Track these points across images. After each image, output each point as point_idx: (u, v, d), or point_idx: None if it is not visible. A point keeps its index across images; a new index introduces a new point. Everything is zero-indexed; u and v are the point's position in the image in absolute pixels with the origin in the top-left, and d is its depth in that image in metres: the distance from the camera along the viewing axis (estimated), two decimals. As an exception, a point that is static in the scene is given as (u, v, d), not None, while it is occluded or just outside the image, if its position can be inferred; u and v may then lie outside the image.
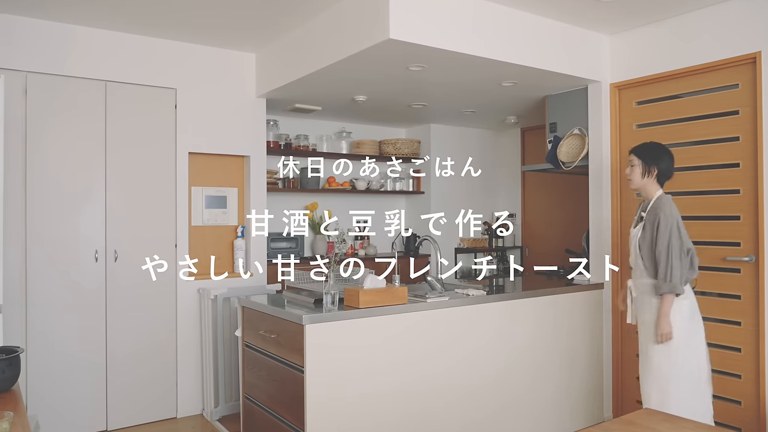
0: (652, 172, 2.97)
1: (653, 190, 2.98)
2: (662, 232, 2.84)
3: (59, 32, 3.67)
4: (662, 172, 2.99)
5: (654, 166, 2.96)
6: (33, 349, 3.58)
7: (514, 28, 3.53)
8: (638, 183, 3.00)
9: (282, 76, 4.05)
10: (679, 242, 2.82)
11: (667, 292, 2.81)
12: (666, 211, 2.86)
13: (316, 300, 3.05)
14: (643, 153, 3.00)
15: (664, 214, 2.85)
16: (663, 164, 2.97)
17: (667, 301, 2.83)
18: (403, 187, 5.95)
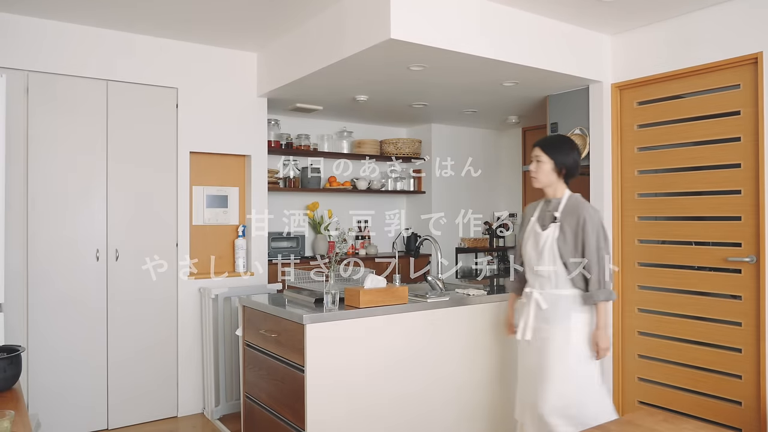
0: (561, 170, 2.70)
1: (562, 188, 2.74)
2: (590, 234, 2.57)
3: (61, 32, 3.67)
4: (571, 170, 2.72)
5: (563, 163, 2.70)
6: (34, 348, 3.59)
7: (516, 28, 3.53)
8: (545, 181, 2.73)
9: (283, 75, 4.05)
10: (606, 244, 2.61)
11: (605, 299, 2.56)
12: (590, 211, 2.62)
13: (316, 299, 3.05)
14: (551, 149, 2.72)
15: (589, 215, 2.60)
16: (572, 161, 2.71)
17: (604, 310, 2.57)
18: (403, 186, 5.95)
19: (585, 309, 2.63)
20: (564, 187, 2.74)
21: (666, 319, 3.71)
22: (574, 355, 2.61)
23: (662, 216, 3.75)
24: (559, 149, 2.72)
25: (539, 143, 2.78)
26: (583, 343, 2.63)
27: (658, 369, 3.75)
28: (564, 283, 2.64)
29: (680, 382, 3.64)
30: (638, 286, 3.87)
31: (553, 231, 2.67)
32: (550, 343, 2.64)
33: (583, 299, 2.61)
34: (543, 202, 2.82)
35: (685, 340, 3.62)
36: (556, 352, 2.63)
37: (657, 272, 3.77)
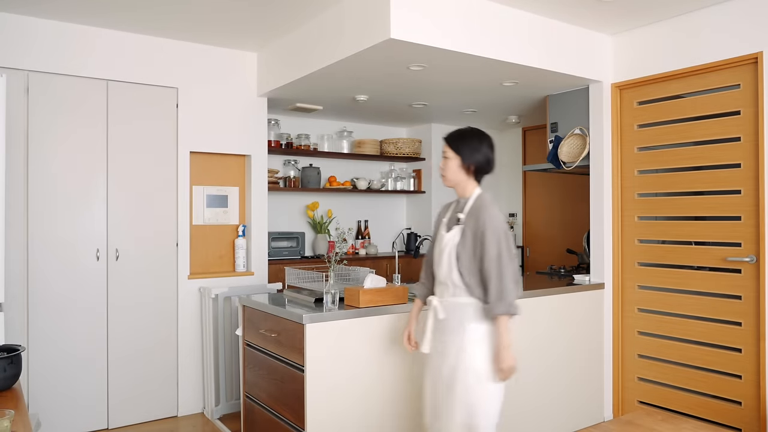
0: (469, 167, 2.43)
1: (471, 187, 2.46)
2: (490, 239, 2.28)
3: (61, 31, 3.68)
4: (481, 166, 2.45)
5: (471, 160, 2.42)
6: (34, 348, 3.59)
7: (516, 27, 3.53)
8: (453, 179, 2.46)
9: (283, 75, 4.06)
10: (509, 251, 2.31)
11: (504, 312, 2.24)
12: (492, 212, 2.34)
13: (316, 299, 3.05)
14: (458, 143, 2.45)
15: (490, 217, 2.33)
16: (482, 157, 2.44)
17: (504, 325, 2.25)
18: (404, 186, 5.95)
19: (484, 321, 2.32)
20: (474, 186, 2.47)
21: (666, 319, 3.71)
22: (472, 372, 2.29)
23: (662, 216, 3.75)
24: (467, 144, 2.44)
25: (446, 137, 2.51)
26: (481, 359, 2.30)
27: (658, 369, 3.75)
28: (461, 291, 2.35)
29: (680, 382, 3.64)
30: (638, 286, 3.87)
31: (454, 235, 2.41)
32: (447, 357, 2.36)
33: (483, 312, 2.31)
34: (455, 203, 2.56)
35: (684, 340, 3.62)
36: (452, 368, 2.33)
37: (657, 272, 3.77)
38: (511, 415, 3.43)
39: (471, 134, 2.48)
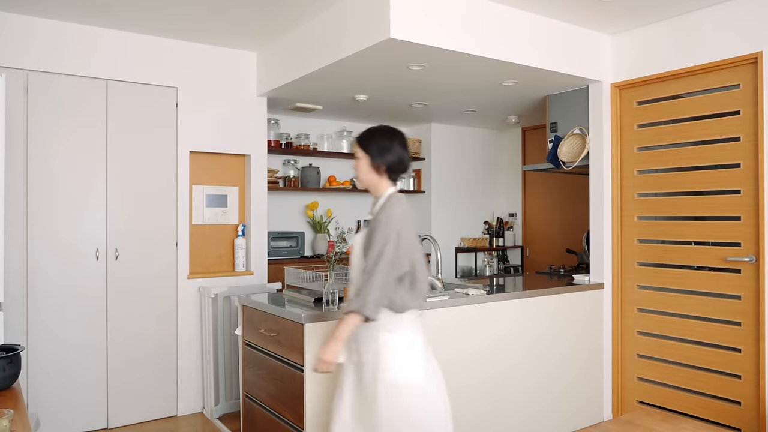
0: (379, 166, 2.31)
1: (384, 187, 2.34)
2: (377, 237, 2.17)
3: (61, 31, 3.67)
4: (393, 166, 2.33)
5: (381, 160, 2.30)
6: (34, 347, 3.59)
7: (515, 27, 3.53)
8: (365, 180, 2.36)
9: (283, 75, 4.06)
10: (394, 253, 2.15)
11: (353, 310, 2.10)
12: (390, 212, 2.21)
13: (315, 299, 3.05)
14: (368, 143, 2.34)
15: (386, 216, 2.20)
16: (393, 156, 2.31)
17: (348, 322, 2.11)
18: (403, 186, 5.95)
19: (395, 329, 2.21)
20: (387, 186, 2.34)
21: (665, 318, 3.71)
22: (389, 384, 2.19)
23: (662, 216, 3.75)
24: (376, 143, 2.33)
25: (357, 137, 2.41)
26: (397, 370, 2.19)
27: (658, 369, 3.75)
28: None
29: (680, 382, 3.64)
30: (638, 286, 3.87)
31: (360, 237, 2.34)
32: (365, 369, 2.24)
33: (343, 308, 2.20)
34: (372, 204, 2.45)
35: (684, 340, 3.62)
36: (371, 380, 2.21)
37: (656, 272, 3.77)
38: (510, 414, 3.44)
39: (381, 133, 2.37)
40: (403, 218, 2.22)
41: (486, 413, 3.33)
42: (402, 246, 2.18)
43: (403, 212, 2.23)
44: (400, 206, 2.24)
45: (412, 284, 2.23)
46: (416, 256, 2.23)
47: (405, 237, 2.19)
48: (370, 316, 2.11)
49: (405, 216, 2.23)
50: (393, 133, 2.38)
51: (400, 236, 2.18)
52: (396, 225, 2.18)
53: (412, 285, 2.23)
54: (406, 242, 2.19)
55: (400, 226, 2.19)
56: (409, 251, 2.20)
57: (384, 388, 2.18)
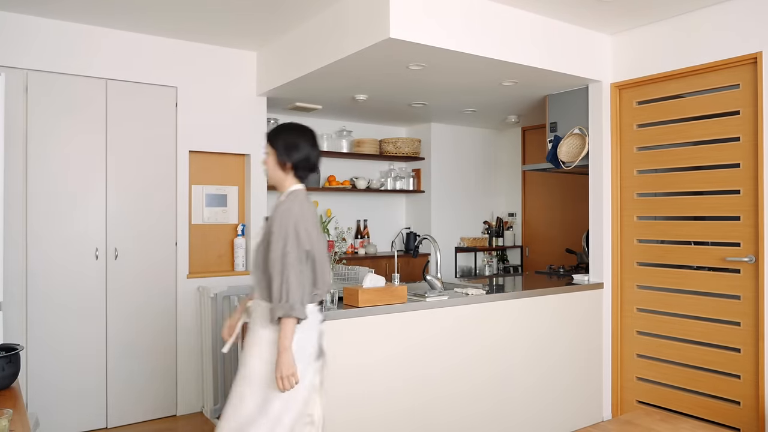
0: (285, 164, 2.32)
1: (288, 184, 2.35)
2: (276, 237, 2.16)
3: (60, 30, 3.67)
4: (299, 163, 2.33)
5: (287, 157, 2.31)
6: (33, 347, 3.59)
7: (515, 27, 3.52)
8: (272, 176, 2.36)
9: (283, 74, 4.05)
10: (297, 250, 2.15)
11: (284, 315, 2.09)
12: (286, 207, 2.21)
13: (315, 299, 3.04)
14: (275, 140, 2.34)
15: (282, 213, 2.19)
16: (300, 154, 2.32)
17: (285, 329, 2.10)
18: (403, 186, 5.95)
19: (270, 326, 2.18)
20: (292, 183, 2.35)
21: (665, 318, 3.71)
22: (247, 380, 2.20)
23: (661, 216, 3.75)
24: (282, 140, 2.34)
25: (267, 133, 2.41)
26: (259, 367, 2.19)
27: (657, 369, 3.76)
28: (258, 293, 2.28)
29: (679, 382, 3.64)
30: (637, 286, 3.87)
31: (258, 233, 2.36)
32: (245, 358, 2.26)
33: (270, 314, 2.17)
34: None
35: (683, 340, 3.62)
36: (245, 371, 2.23)
37: (656, 272, 3.77)
38: (510, 414, 3.44)
39: (288, 130, 2.38)
40: (299, 215, 2.21)
41: (486, 413, 3.33)
42: (301, 241, 2.18)
43: (299, 209, 2.22)
44: (296, 203, 2.24)
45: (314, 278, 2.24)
46: (317, 250, 2.24)
47: (302, 233, 2.19)
48: (300, 317, 2.12)
49: (302, 213, 2.23)
50: (301, 131, 2.38)
51: (298, 233, 2.18)
52: (291, 222, 2.18)
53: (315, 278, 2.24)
54: (303, 238, 2.19)
55: (296, 223, 2.19)
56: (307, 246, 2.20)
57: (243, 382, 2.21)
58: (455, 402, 3.22)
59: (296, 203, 2.24)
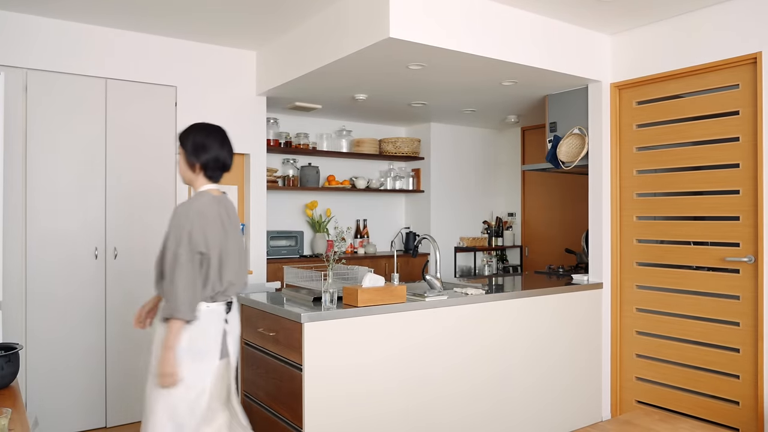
0: (194, 164, 2.34)
1: (199, 184, 2.38)
2: (170, 238, 2.21)
3: (60, 29, 3.67)
4: (208, 164, 2.34)
5: (195, 157, 2.33)
6: (32, 346, 3.59)
7: (515, 27, 3.53)
8: (183, 176, 2.40)
9: (282, 74, 4.05)
10: (188, 253, 2.18)
11: (167, 315, 2.15)
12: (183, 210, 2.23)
13: (315, 298, 3.05)
14: (185, 140, 2.36)
15: (177, 214, 2.22)
16: (209, 154, 2.34)
17: (172, 329, 2.14)
18: (403, 185, 5.95)
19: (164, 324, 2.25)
20: (202, 184, 2.38)
21: (664, 318, 3.71)
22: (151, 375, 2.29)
23: (661, 216, 3.75)
24: (191, 140, 2.35)
25: (178, 134, 2.44)
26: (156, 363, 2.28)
27: (657, 369, 3.76)
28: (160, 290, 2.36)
29: (678, 382, 3.64)
30: (636, 286, 3.88)
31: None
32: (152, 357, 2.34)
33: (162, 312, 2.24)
34: None
35: (683, 340, 3.63)
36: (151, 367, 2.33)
37: (655, 272, 3.77)
38: (510, 414, 3.44)
39: (198, 130, 2.38)
40: (195, 216, 2.22)
41: (485, 413, 3.34)
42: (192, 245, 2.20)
43: (197, 211, 2.23)
44: (195, 204, 2.25)
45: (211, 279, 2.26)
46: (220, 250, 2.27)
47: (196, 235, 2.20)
48: (185, 318, 2.15)
49: (199, 213, 2.23)
50: (210, 131, 2.37)
51: (191, 235, 2.20)
52: (187, 224, 2.20)
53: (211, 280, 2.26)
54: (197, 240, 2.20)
55: (191, 225, 2.20)
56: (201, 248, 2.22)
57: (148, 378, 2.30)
58: (454, 402, 3.22)
59: (195, 204, 2.25)
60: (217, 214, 2.29)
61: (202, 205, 2.26)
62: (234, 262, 2.32)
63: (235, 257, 2.33)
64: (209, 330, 2.29)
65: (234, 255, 2.33)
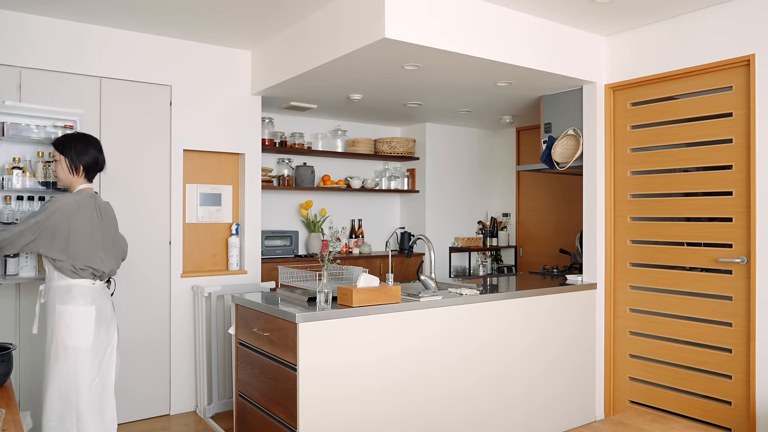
0: (78, 168, 2.82)
1: (77, 185, 2.85)
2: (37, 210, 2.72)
3: (54, 28, 3.66)
4: (89, 166, 2.85)
5: (79, 162, 2.82)
6: (25, 346, 3.57)
7: (510, 28, 3.53)
8: (63, 179, 2.85)
9: (277, 73, 4.05)
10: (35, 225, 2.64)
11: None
12: (54, 200, 2.73)
13: (309, 298, 3.05)
14: (65, 148, 2.82)
15: (51, 200, 2.73)
16: (89, 158, 2.84)
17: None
18: (398, 185, 5.96)
19: (67, 300, 2.70)
20: (80, 184, 2.85)
21: (657, 319, 3.73)
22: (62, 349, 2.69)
23: (655, 217, 3.77)
24: (72, 147, 2.82)
25: (54, 142, 2.88)
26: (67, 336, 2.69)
27: (650, 369, 3.78)
28: (52, 276, 2.75)
29: (671, 382, 3.66)
30: (630, 287, 3.89)
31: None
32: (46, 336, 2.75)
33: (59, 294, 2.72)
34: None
35: (676, 341, 3.64)
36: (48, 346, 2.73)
37: (649, 273, 3.79)
38: (504, 415, 3.45)
39: (77, 138, 2.86)
40: (65, 207, 2.69)
41: (479, 414, 3.34)
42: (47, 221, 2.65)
43: (66, 204, 2.70)
44: (69, 198, 2.73)
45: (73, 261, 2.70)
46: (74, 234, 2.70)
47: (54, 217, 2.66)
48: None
49: (68, 206, 2.70)
50: (88, 139, 2.88)
51: (49, 218, 2.66)
52: (51, 208, 2.67)
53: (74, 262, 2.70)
54: (55, 224, 2.66)
55: (52, 210, 2.67)
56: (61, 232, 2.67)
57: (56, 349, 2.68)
58: (449, 402, 3.23)
59: (67, 199, 2.72)
60: (90, 208, 2.77)
61: (76, 201, 2.73)
62: (97, 248, 2.78)
63: (98, 243, 2.79)
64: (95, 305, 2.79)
65: (98, 241, 2.79)
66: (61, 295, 2.71)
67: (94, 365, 2.75)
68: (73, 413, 2.68)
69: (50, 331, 2.72)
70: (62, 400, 2.68)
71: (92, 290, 2.77)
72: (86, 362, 2.72)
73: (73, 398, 2.68)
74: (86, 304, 2.72)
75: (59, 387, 2.68)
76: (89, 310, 2.73)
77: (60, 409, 2.68)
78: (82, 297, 2.72)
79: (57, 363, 2.68)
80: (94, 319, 2.74)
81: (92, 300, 2.75)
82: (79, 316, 2.70)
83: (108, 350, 2.83)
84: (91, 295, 2.75)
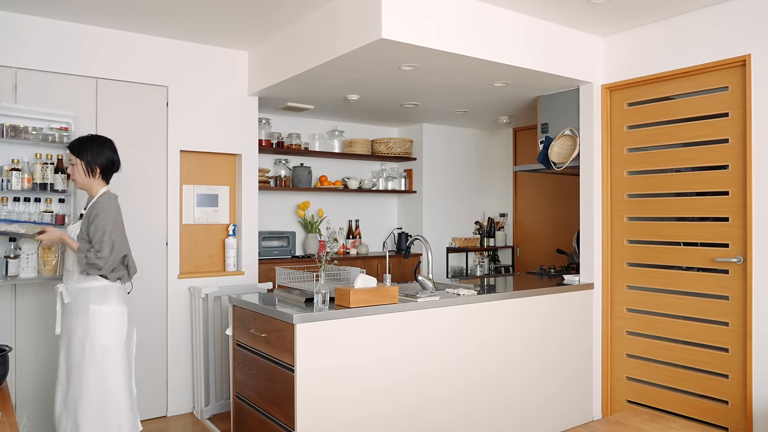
0: (94, 170, 2.89)
1: (98, 187, 2.93)
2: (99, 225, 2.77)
3: (50, 28, 3.65)
4: (105, 167, 2.93)
5: (95, 164, 2.89)
6: (22, 348, 3.56)
7: (506, 28, 3.54)
8: (81, 181, 2.92)
9: (274, 74, 4.05)
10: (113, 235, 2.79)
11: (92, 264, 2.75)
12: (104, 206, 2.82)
13: (306, 299, 3.05)
14: (83, 151, 2.89)
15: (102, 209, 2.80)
16: (104, 159, 2.92)
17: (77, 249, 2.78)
18: (395, 186, 5.96)
19: (103, 301, 2.80)
20: (101, 186, 2.94)
21: (654, 319, 3.74)
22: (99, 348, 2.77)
23: (651, 217, 3.78)
24: (88, 149, 2.89)
25: (69, 145, 2.93)
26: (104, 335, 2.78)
27: (647, 368, 3.78)
28: (83, 277, 2.83)
29: (668, 382, 3.67)
30: (627, 286, 3.90)
31: (76, 227, 2.90)
32: (75, 337, 2.80)
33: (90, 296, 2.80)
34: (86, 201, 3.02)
35: (673, 340, 3.65)
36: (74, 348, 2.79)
37: (646, 272, 3.80)
38: (501, 415, 3.45)
39: (91, 141, 2.91)
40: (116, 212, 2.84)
41: (477, 414, 3.35)
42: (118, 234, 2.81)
43: (116, 207, 2.85)
44: (113, 203, 2.86)
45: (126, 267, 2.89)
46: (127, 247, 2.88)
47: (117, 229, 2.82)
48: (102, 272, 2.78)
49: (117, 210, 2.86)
50: (103, 141, 2.93)
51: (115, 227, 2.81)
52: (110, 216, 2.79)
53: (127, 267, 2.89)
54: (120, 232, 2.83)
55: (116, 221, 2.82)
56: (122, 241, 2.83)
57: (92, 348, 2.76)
58: (447, 402, 3.23)
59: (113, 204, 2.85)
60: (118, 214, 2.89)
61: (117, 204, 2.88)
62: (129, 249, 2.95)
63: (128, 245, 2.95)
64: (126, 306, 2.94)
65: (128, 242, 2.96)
66: (97, 296, 2.81)
67: (125, 361, 2.87)
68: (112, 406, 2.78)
69: (82, 331, 2.78)
70: (103, 396, 2.77)
71: (123, 291, 2.91)
72: (122, 359, 2.85)
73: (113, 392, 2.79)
74: (119, 304, 2.85)
75: (98, 384, 2.77)
76: (123, 310, 2.86)
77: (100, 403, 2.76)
78: (117, 297, 2.84)
79: (94, 361, 2.77)
80: (127, 318, 2.88)
81: (124, 300, 2.89)
82: (116, 317, 2.82)
83: (132, 347, 2.96)
84: (123, 296, 2.89)
